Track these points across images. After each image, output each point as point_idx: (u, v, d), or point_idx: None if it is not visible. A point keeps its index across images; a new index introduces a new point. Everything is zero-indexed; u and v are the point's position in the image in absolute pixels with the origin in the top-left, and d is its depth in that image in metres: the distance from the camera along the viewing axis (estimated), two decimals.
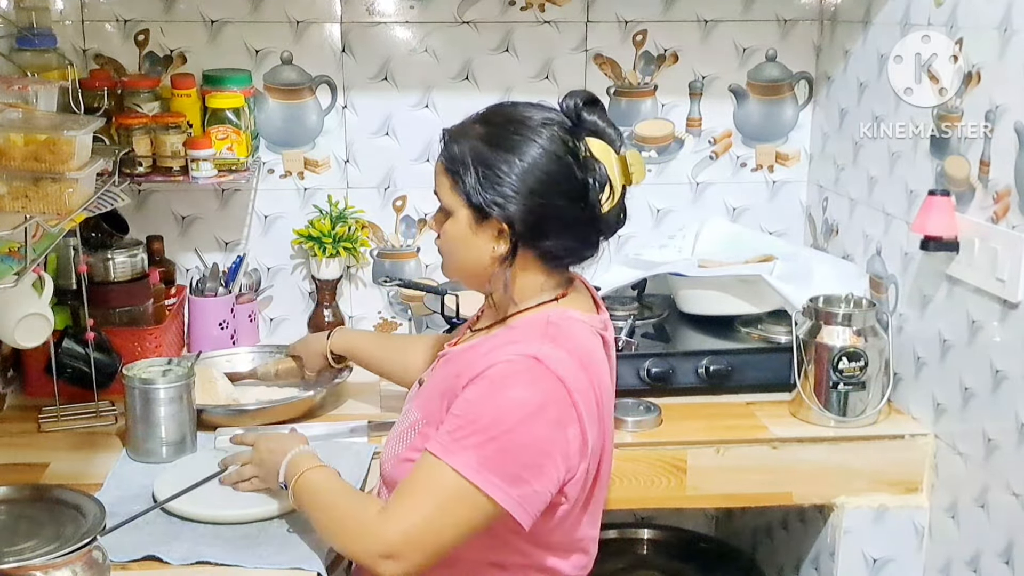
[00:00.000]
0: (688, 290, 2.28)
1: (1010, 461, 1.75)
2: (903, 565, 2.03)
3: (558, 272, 1.46)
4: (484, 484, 1.31)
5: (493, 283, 1.45)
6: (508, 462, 1.32)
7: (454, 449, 1.32)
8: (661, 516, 2.61)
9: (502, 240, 1.40)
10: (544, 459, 1.33)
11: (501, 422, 1.32)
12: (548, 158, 1.37)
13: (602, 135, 1.41)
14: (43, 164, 1.41)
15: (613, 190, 1.39)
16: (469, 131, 1.42)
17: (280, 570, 1.46)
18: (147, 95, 2.15)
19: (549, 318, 1.42)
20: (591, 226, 1.42)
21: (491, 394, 1.34)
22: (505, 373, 1.34)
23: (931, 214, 1.86)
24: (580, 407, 1.35)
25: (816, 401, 2.00)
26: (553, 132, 1.38)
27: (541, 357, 1.34)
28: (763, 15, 2.41)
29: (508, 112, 1.44)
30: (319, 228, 2.34)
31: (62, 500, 1.51)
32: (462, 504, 1.32)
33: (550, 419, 1.33)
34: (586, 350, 1.41)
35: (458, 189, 1.41)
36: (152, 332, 2.13)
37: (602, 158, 1.39)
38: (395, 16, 2.35)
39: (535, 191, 1.37)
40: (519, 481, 1.32)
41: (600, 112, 1.42)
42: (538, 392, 1.33)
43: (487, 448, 1.31)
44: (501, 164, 1.37)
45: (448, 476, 1.32)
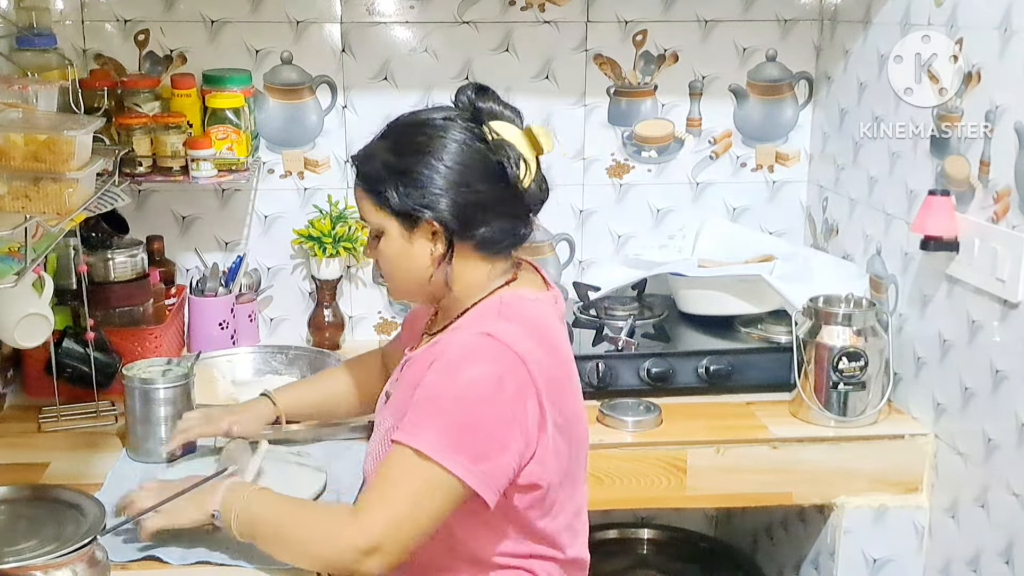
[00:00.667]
0: (688, 290, 2.28)
1: (1010, 461, 1.75)
2: (903, 565, 2.03)
3: (500, 258, 1.48)
4: (448, 463, 1.32)
5: (434, 284, 1.46)
6: (469, 438, 1.33)
7: (416, 431, 1.34)
8: (661, 516, 2.61)
9: (438, 240, 1.43)
10: (505, 433, 1.34)
11: (460, 399, 1.34)
12: (460, 149, 1.41)
13: (501, 116, 1.44)
14: (43, 164, 1.41)
15: (528, 164, 1.43)
16: (376, 149, 1.46)
17: (280, 570, 1.46)
18: (147, 95, 2.15)
19: (502, 299, 1.45)
20: (518, 204, 1.44)
21: (448, 374, 1.35)
22: (460, 352, 1.37)
23: (931, 214, 1.86)
24: (538, 380, 1.36)
25: (816, 401, 2.00)
26: (457, 125, 1.42)
27: (494, 333, 1.36)
28: (763, 15, 2.41)
29: (408, 120, 1.47)
30: (319, 228, 2.34)
31: (62, 500, 1.51)
32: (431, 486, 1.33)
33: (508, 393, 1.34)
34: (540, 325, 1.43)
35: (382, 205, 1.43)
36: (152, 332, 2.13)
37: (509, 137, 1.42)
38: (395, 16, 2.35)
39: (457, 183, 1.40)
40: (482, 457, 1.33)
41: (492, 97, 1.46)
42: (494, 367, 1.34)
43: (448, 426, 1.33)
44: (417, 167, 1.41)
45: (414, 460, 1.33)
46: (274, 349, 2.25)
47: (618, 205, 2.49)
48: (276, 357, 2.22)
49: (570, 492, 1.49)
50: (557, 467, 1.43)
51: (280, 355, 2.23)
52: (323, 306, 2.42)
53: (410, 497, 1.33)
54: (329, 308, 2.42)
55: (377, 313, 2.50)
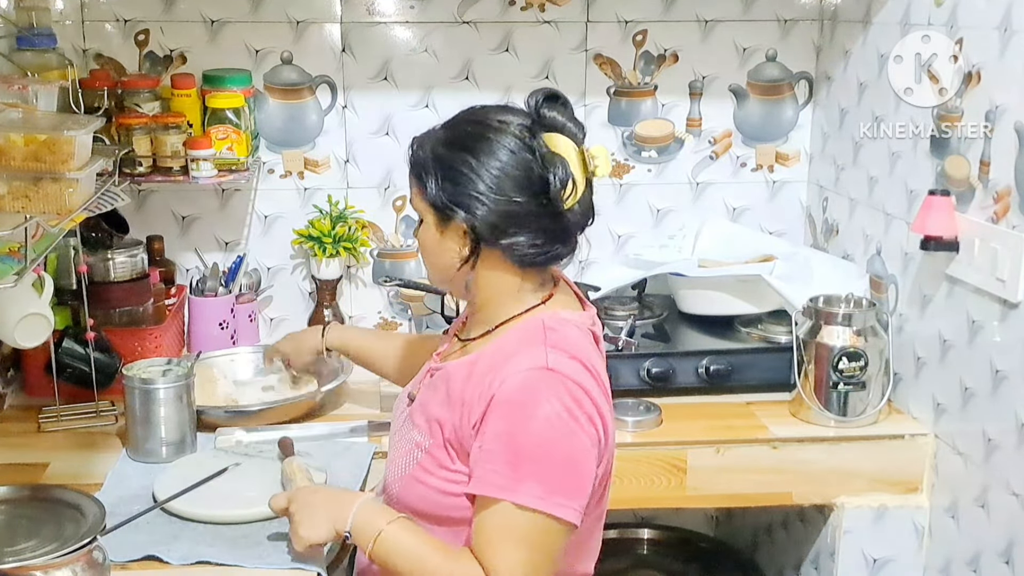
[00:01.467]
0: (688, 290, 2.28)
1: (1010, 461, 1.75)
2: (903, 565, 2.03)
3: (535, 273, 1.45)
4: (555, 509, 1.31)
5: (457, 281, 1.45)
6: (563, 479, 1.33)
7: (513, 486, 1.31)
8: (661, 516, 2.61)
9: (466, 241, 1.40)
10: (588, 462, 1.35)
11: (544, 442, 1.32)
12: (505, 155, 1.37)
13: (562, 130, 1.40)
14: (43, 164, 1.41)
15: (576, 185, 1.38)
16: (432, 136, 1.43)
17: (280, 570, 1.46)
18: (147, 95, 2.15)
19: (544, 323, 1.41)
20: (556, 222, 1.40)
21: (522, 417, 1.33)
22: (526, 392, 1.33)
23: (931, 214, 1.86)
24: (601, 408, 1.37)
25: (816, 401, 2.00)
26: (510, 129, 1.38)
27: (553, 367, 1.34)
28: (763, 15, 2.41)
29: (470, 114, 1.44)
30: (319, 228, 2.34)
31: (62, 500, 1.51)
32: (546, 535, 1.32)
33: (583, 423, 1.33)
34: (585, 351, 1.40)
35: (424, 194, 1.41)
36: (152, 332, 2.13)
37: (562, 152, 1.38)
38: (395, 16, 2.35)
39: (493, 189, 1.36)
40: (576, 492, 1.34)
41: (561, 107, 1.41)
42: (564, 401, 1.33)
43: (542, 472, 1.32)
44: (459, 164, 1.37)
45: (522, 515, 1.31)
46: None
47: (618, 205, 2.49)
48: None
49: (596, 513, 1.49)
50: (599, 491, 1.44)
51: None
52: (323, 306, 2.41)
53: (530, 549, 1.32)
54: (329, 308, 2.42)
55: (377, 313, 2.50)
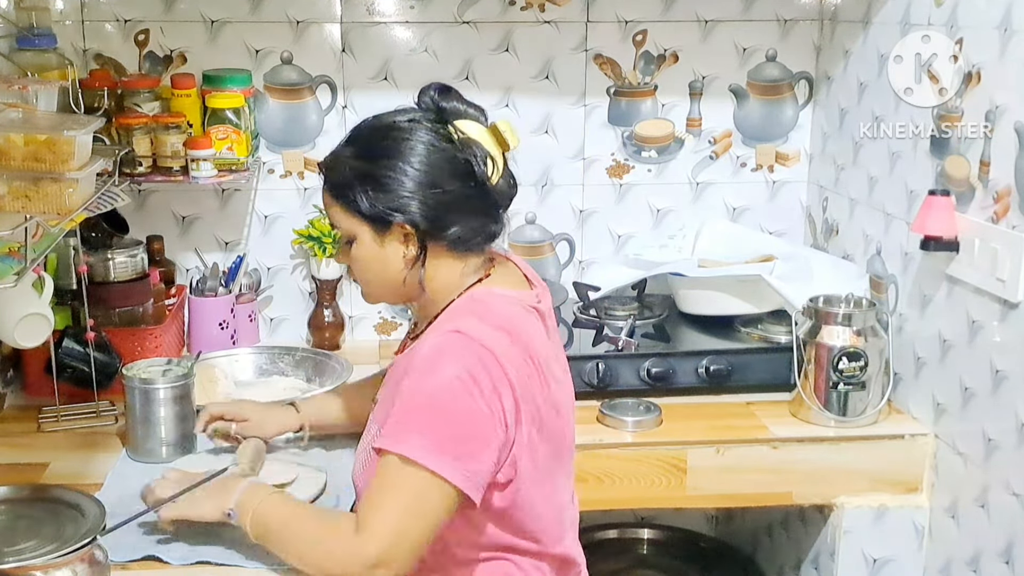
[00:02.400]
0: (688, 290, 2.28)
1: (1010, 461, 1.75)
2: (903, 565, 2.03)
3: (473, 255, 1.48)
4: (434, 465, 1.31)
5: (409, 286, 1.47)
6: (451, 438, 1.33)
7: (400, 437, 1.33)
8: (661, 516, 2.61)
9: (410, 242, 1.43)
10: (485, 429, 1.34)
11: (437, 399, 1.34)
12: (427, 150, 1.41)
13: (465, 115, 1.45)
14: (43, 164, 1.42)
15: (495, 161, 1.43)
16: (342, 155, 1.46)
17: (280, 570, 1.46)
18: (147, 95, 2.15)
19: (472, 296, 1.45)
20: (487, 201, 1.45)
21: (423, 375, 1.35)
22: (433, 353, 1.36)
23: (931, 214, 1.86)
24: (511, 374, 1.36)
25: (816, 401, 2.00)
26: (423, 126, 1.43)
27: (464, 330, 1.36)
28: (763, 15, 2.41)
29: (373, 124, 1.48)
30: (319, 228, 2.34)
31: (62, 500, 1.50)
32: (423, 491, 1.33)
33: (484, 388, 1.34)
34: (511, 321, 1.42)
35: (352, 211, 1.44)
36: (152, 332, 2.13)
37: (474, 135, 1.43)
38: (395, 16, 2.35)
39: (425, 184, 1.40)
40: (466, 456, 1.33)
41: (456, 96, 1.46)
42: (468, 364, 1.34)
43: (428, 428, 1.33)
44: (385, 171, 1.41)
45: (401, 467, 1.32)
46: (280, 350, 2.24)
47: (618, 205, 2.49)
48: (283, 358, 2.22)
49: (550, 489, 1.49)
50: (532, 463, 1.42)
51: (287, 356, 2.22)
52: (323, 306, 2.41)
53: (405, 505, 1.33)
54: (329, 308, 2.42)
55: (377, 313, 2.50)
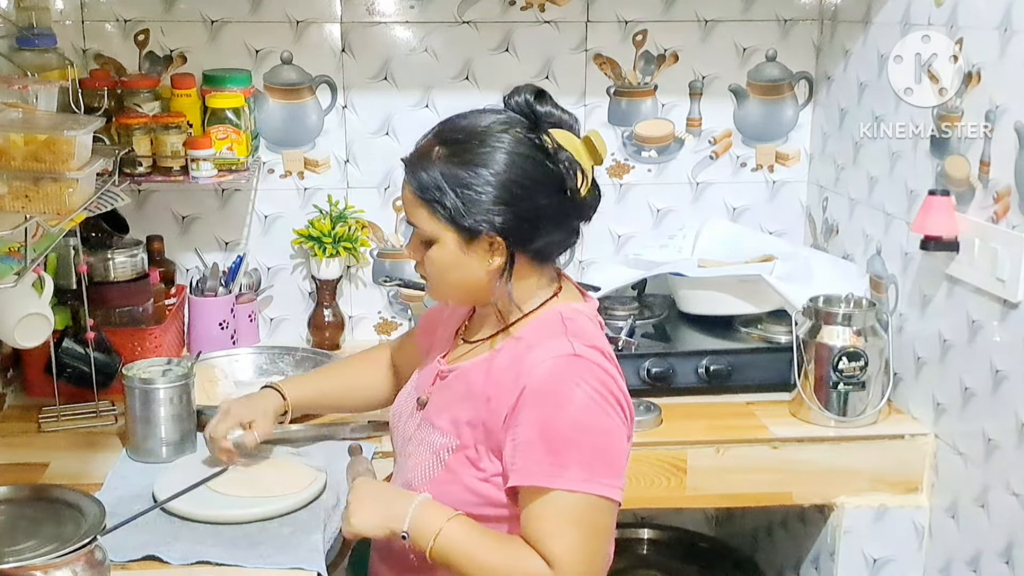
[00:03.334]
0: (688, 290, 2.28)
1: (1010, 461, 1.75)
2: (903, 565, 2.03)
3: (549, 267, 1.48)
4: (600, 489, 1.34)
5: (498, 296, 1.44)
6: (604, 461, 1.35)
7: (559, 472, 1.33)
8: (661, 516, 2.61)
9: (496, 253, 1.40)
10: (623, 441, 1.39)
11: (580, 426, 1.34)
12: (520, 161, 1.37)
13: (560, 123, 1.41)
14: (43, 164, 1.41)
15: (585, 174, 1.40)
16: (430, 155, 1.40)
17: (280, 570, 1.46)
18: (147, 95, 2.15)
19: (562, 315, 1.43)
20: (574, 214, 1.43)
21: (556, 404, 1.34)
22: (557, 379, 1.35)
23: (931, 214, 1.86)
24: (623, 387, 1.40)
25: (816, 401, 2.00)
26: (516, 134, 1.38)
27: (580, 353, 1.36)
28: (763, 15, 2.41)
29: (464, 126, 1.41)
30: (319, 228, 2.34)
31: (62, 500, 1.50)
32: (596, 516, 1.35)
33: (612, 404, 1.37)
34: (602, 339, 1.44)
35: (439, 215, 1.39)
36: (152, 332, 2.13)
37: (568, 146, 1.39)
38: (395, 16, 2.35)
39: (518, 196, 1.37)
40: (618, 472, 1.37)
41: (551, 102, 1.42)
42: (593, 384, 1.35)
43: (584, 455, 1.34)
44: (478, 180, 1.37)
45: (571, 499, 1.33)
46: (280, 350, 2.24)
47: (618, 205, 2.49)
48: (283, 358, 2.22)
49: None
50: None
51: (287, 356, 2.22)
52: (323, 306, 2.41)
53: (586, 533, 1.34)
54: (329, 308, 2.42)
55: (377, 313, 2.50)
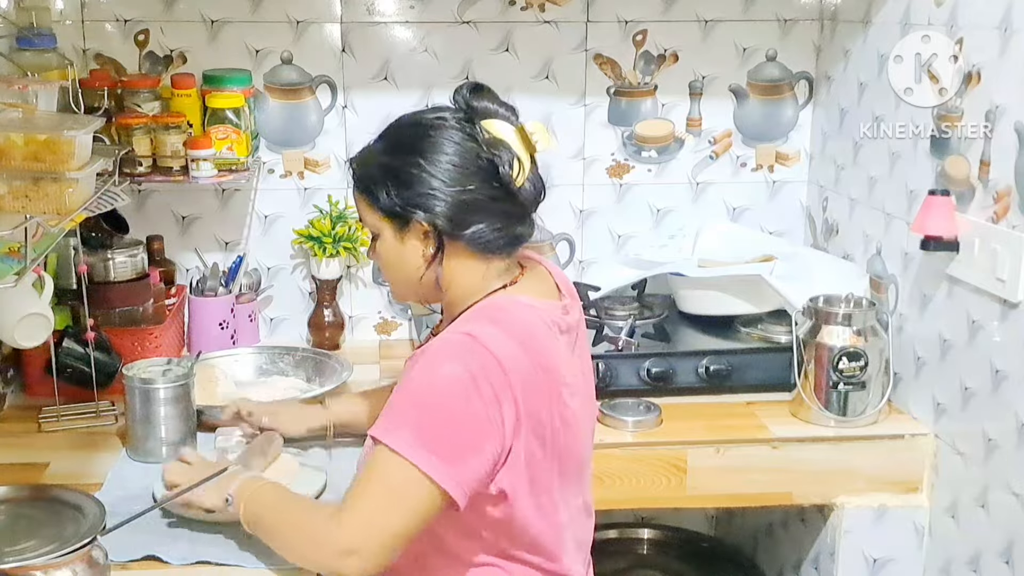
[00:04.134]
0: (688, 290, 2.28)
1: (1010, 461, 1.75)
2: (903, 565, 2.03)
3: (498, 258, 1.46)
4: (420, 461, 1.30)
5: (426, 286, 1.46)
6: (443, 438, 1.32)
7: (391, 427, 1.33)
8: (661, 516, 2.61)
9: (428, 240, 1.42)
10: (479, 434, 1.33)
11: (434, 396, 1.33)
12: (451, 148, 1.40)
13: (495, 115, 1.43)
14: (43, 164, 1.42)
15: (522, 163, 1.41)
16: (370, 151, 1.47)
17: (280, 570, 1.46)
18: (147, 95, 2.15)
19: (494, 303, 1.44)
20: (511, 203, 1.43)
21: (424, 371, 1.35)
22: (438, 350, 1.36)
23: (931, 214, 1.86)
24: (515, 385, 1.34)
25: (816, 401, 2.00)
26: (450, 124, 1.41)
27: (474, 333, 1.35)
28: (763, 15, 2.41)
29: (401, 120, 1.47)
30: (319, 228, 2.34)
31: (62, 500, 1.50)
32: (405, 485, 1.31)
33: (484, 394, 1.32)
34: (527, 330, 1.40)
35: (375, 206, 1.44)
36: (152, 332, 2.13)
37: (502, 135, 1.41)
38: (395, 16, 2.35)
39: (446, 182, 1.39)
40: (455, 458, 1.31)
41: (488, 95, 1.45)
42: (470, 366, 1.32)
43: (422, 423, 1.32)
44: (407, 167, 1.40)
45: (390, 459, 1.32)
46: (280, 350, 2.24)
47: (618, 205, 2.49)
48: (283, 358, 2.22)
49: (550, 506, 1.46)
50: (530, 477, 1.40)
51: (287, 356, 2.22)
52: (323, 306, 2.41)
53: (385, 496, 1.32)
54: (329, 308, 2.42)
55: (377, 313, 2.50)
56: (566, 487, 1.49)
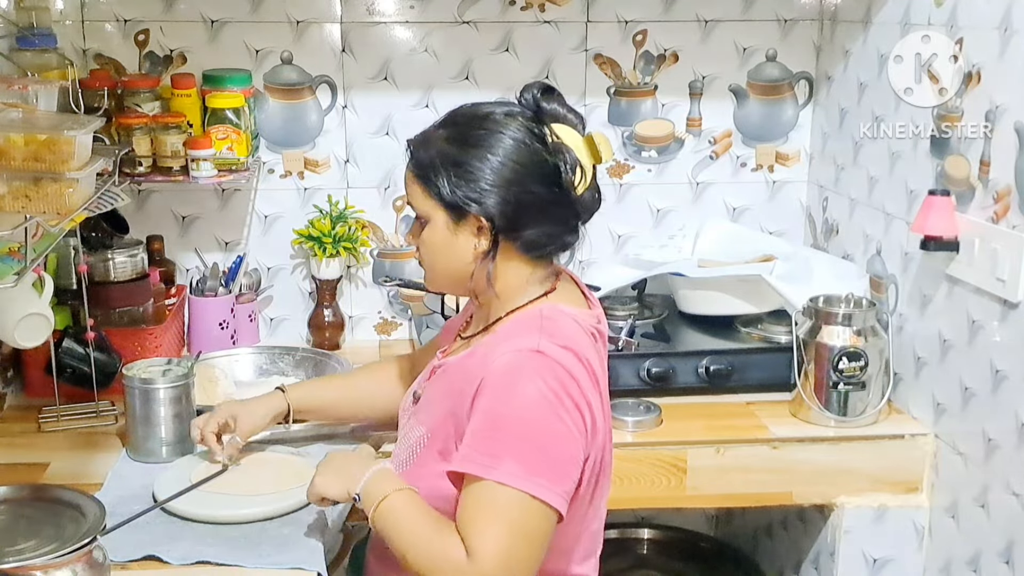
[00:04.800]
0: (688, 290, 2.28)
1: (1010, 461, 1.75)
2: (903, 565, 2.03)
3: (542, 264, 1.46)
4: (535, 489, 1.30)
5: (476, 280, 1.45)
6: (545, 460, 1.32)
7: (493, 464, 1.31)
8: (661, 516, 2.61)
9: (483, 236, 1.41)
10: (573, 447, 1.34)
11: (526, 421, 1.32)
12: (517, 148, 1.39)
13: (564, 120, 1.43)
14: (43, 164, 1.42)
15: (584, 171, 1.41)
16: (433, 137, 1.44)
17: (280, 570, 1.46)
18: (147, 95, 2.15)
19: (542, 313, 1.42)
20: (568, 210, 1.43)
21: (505, 396, 1.33)
22: (512, 372, 1.34)
23: (931, 214, 1.86)
24: (586, 392, 1.36)
25: (816, 401, 2.00)
26: (518, 122, 1.40)
27: (542, 350, 1.34)
28: (763, 15, 2.41)
29: (469, 111, 1.45)
30: (319, 228, 2.34)
31: (62, 500, 1.50)
32: (526, 516, 1.31)
33: (568, 406, 1.33)
34: (579, 343, 1.40)
35: (431, 193, 1.42)
36: (152, 332, 2.13)
37: (569, 141, 1.40)
38: (395, 16, 2.35)
39: (509, 181, 1.38)
40: (559, 476, 1.32)
41: (558, 99, 1.44)
42: (549, 383, 1.33)
43: (521, 451, 1.31)
44: (472, 160, 1.39)
45: (502, 493, 1.30)
46: (280, 350, 2.24)
47: (618, 205, 2.49)
48: (283, 358, 2.22)
49: (591, 511, 1.48)
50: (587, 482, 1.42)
51: (287, 356, 2.22)
52: (323, 306, 2.41)
53: (511, 530, 1.30)
54: (329, 308, 2.42)
55: (377, 313, 2.50)
56: (604, 491, 1.51)
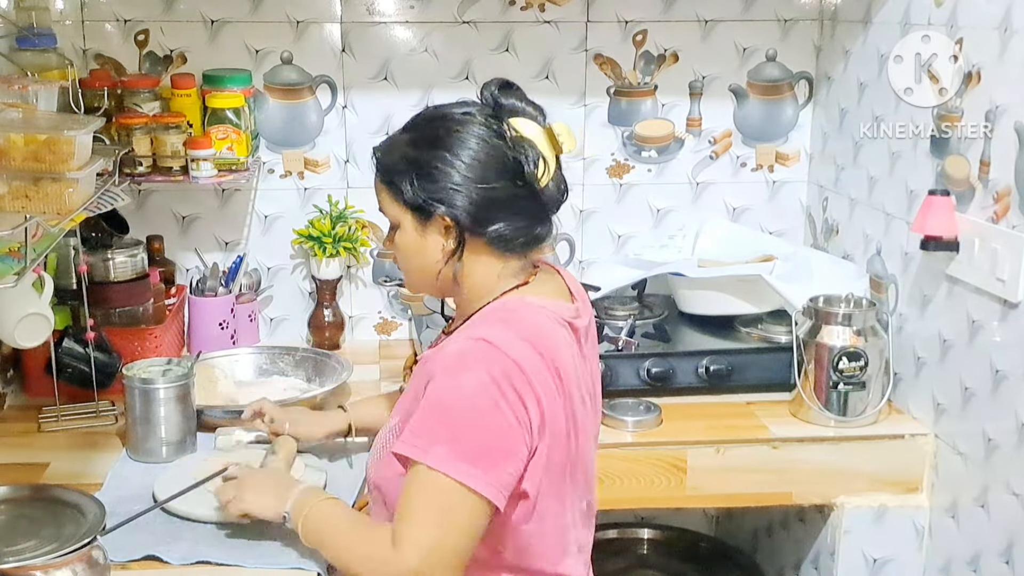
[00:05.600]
0: (688, 290, 2.28)
1: (1010, 461, 1.75)
2: (903, 565, 2.03)
3: (515, 257, 1.45)
4: (465, 478, 1.29)
5: (444, 281, 1.45)
6: (478, 448, 1.31)
7: (426, 446, 1.31)
8: (661, 516, 2.61)
9: (449, 235, 1.42)
10: (511, 439, 1.32)
11: (461, 407, 1.32)
12: (477, 144, 1.40)
13: (523, 113, 1.43)
14: (43, 164, 1.42)
15: (547, 163, 1.42)
16: (397, 142, 1.46)
17: (280, 570, 1.46)
18: (147, 95, 2.15)
19: (505, 305, 1.43)
20: (533, 202, 1.43)
21: (448, 382, 1.33)
22: (457, 360, 1.34)
23: (931, 214, 1.86)
24: (536, 385, 1.34)
25: (816, 401, 2.00)
26: (477, 120, 1.41)
27: (489, 338, 1.34)
28: (763, 15, 2.41)
29: (429, 113, 1.47)
30: (319, 228, 2.34)
31: (62, 500, 1.51)
32: (455, 504, 1.30)
33: (510, 397, 1.32)
34: (538, 332, 1.39)
35: (398, 198, 1.43)
36: (152, 332, 2.13)
37: (529, 134, 1.41)
38: (395, 16, 2.35)
39: (471, 178, 1.39)
40: (493, 467, 1.31)
41: (516, 92, 1.45)
42: (493, 372, 1.32)
43: (455, 437, 1.31)
44: (433, 161, 1.40)
45: (432, 478, 1.30)
46: (280, 350, 2.24)
47: (618, 205, 2.49)
48: (283, 358, 2.22)
49: (557, 507, 1.45)
50: (547, 477, 1.39)
51: (287, 356, 2.22)
52: (323, 306, 2.42)
53: (438, 517, 1.30)
54: (329, 308, 2.42)
55: (377, 313, 2.50)
56: (572, 490, 1.48)
